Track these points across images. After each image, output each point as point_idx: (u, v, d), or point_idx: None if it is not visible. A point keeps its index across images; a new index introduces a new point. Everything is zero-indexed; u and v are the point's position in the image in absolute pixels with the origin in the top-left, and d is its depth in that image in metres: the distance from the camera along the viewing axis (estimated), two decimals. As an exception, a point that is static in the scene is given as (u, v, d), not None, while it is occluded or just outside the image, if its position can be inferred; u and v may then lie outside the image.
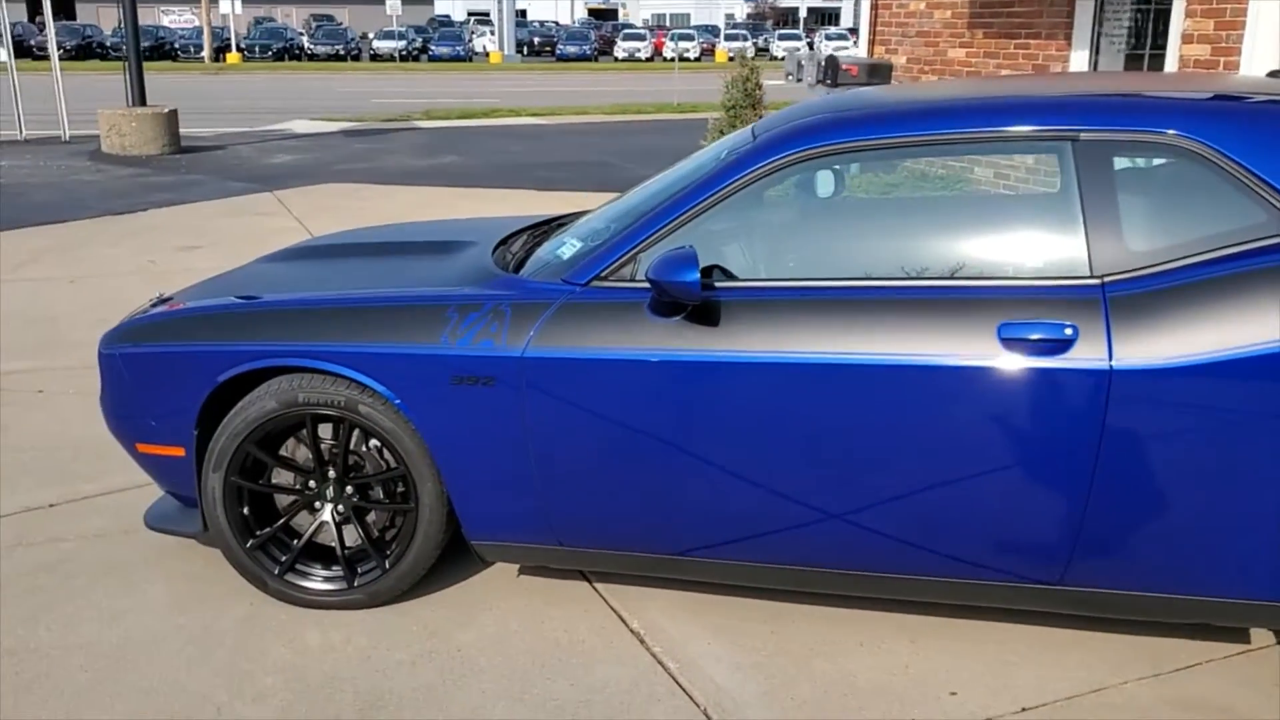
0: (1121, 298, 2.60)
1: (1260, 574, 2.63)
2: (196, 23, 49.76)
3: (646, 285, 2.92)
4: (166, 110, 14.50)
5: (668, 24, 77.78)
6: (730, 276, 2.95)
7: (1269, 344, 2.47)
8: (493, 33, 53.51)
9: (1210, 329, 2.52)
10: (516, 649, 3.11)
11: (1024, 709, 2.80)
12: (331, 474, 3.27)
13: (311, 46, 47.74)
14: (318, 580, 3.32)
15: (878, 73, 8.73)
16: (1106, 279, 2.64)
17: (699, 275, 2.69)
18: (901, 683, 2.92)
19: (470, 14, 69.63)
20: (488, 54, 50.89)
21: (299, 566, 3.33)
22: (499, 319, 3.00)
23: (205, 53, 45.83)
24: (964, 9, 8.93)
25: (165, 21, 58.90)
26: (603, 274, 2.99)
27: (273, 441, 3.29)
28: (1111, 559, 2.71)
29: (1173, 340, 2.54)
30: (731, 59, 49.36)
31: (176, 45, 47.62)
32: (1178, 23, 7.14)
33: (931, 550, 2.84)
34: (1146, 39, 7.73)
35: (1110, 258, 2.65)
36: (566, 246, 3.23)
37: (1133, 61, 7.91)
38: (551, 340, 2.94)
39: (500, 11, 49.59)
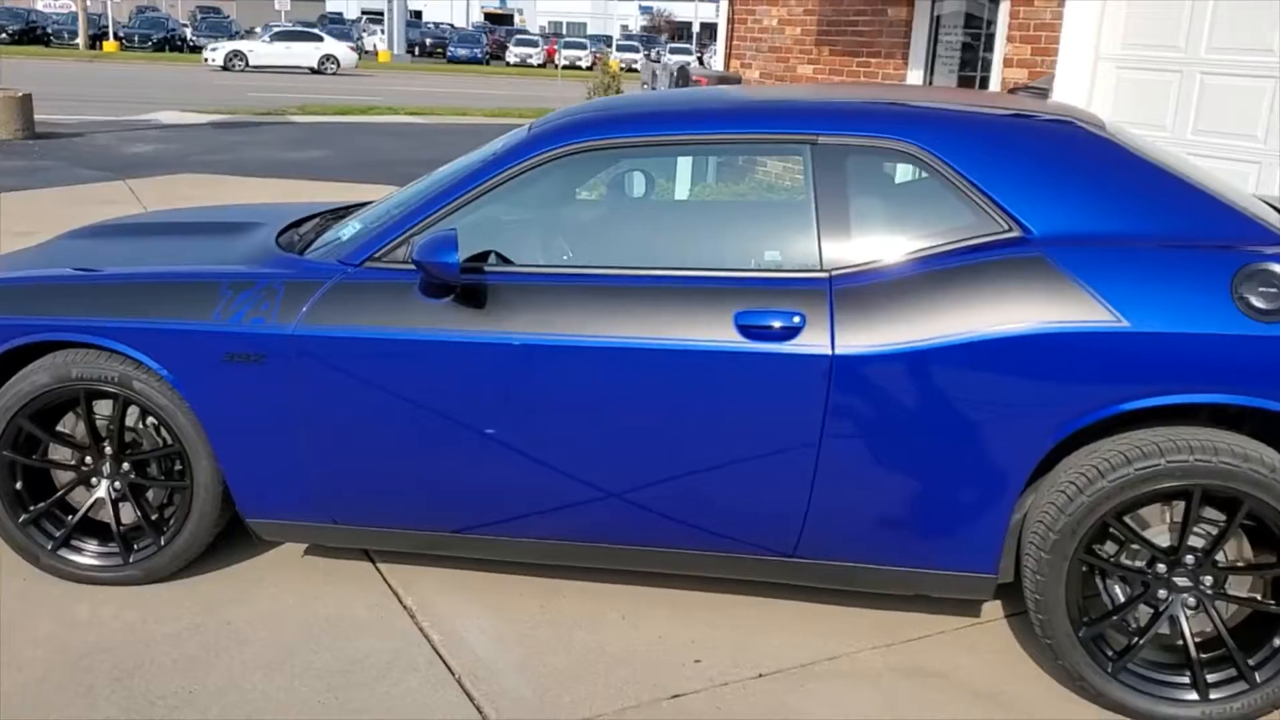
0: (845, 290, 2.80)
1: (968, 547, 2.85)
2: (73, 7, 48.03)
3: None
4: (20, 94, 14.04)
5: (564, 32, 77.88)
6: (507, 262, 3.06)
7: (972, 333, 2.69)
8: (384, 31, 52.91)
9: (922, 319, 2.73)
10: (285, 623, 3.17)
11: (760, 674, 2.97)
12: (108, 450, 3.29)
13: (194, 38, 46.51)
14: (91, 556, 3.33)
15: (726, 84, 8.98)
16: (834, 273, 2.83)
17: (458, 257, 2.80)
18: (653, 652, 3.07)
19: (364, 12, 68.68)
20: (377, 53, 50.27)
21: (74, 542, 3.34)
22: (271, 297, 3.07)
23: (80, 39, 44.29)
24: (812, 27, 9.24)
25: (39, 5, 56.69)
26: (376, 255, 3.08)
27: (49, 417, 3.29)
28: (838, 532, 2.90)
29: (889, 329, 2.74)
30: (624, 69, 49.59)
31: (50, 30, 45.91)
32: (1000, 47, 7.53)
33: (682, 524, 3.00)
34: (976, 61, 8.13)
35: (839, 253, 2.85)
36: (349, 229, 3.31)
37: (964, 82, 8.30)
38: (322, 318, 3.02)
39: (392, 10, 49.09)
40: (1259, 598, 2.74)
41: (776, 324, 2.79)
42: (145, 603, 3.25)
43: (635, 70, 51.36)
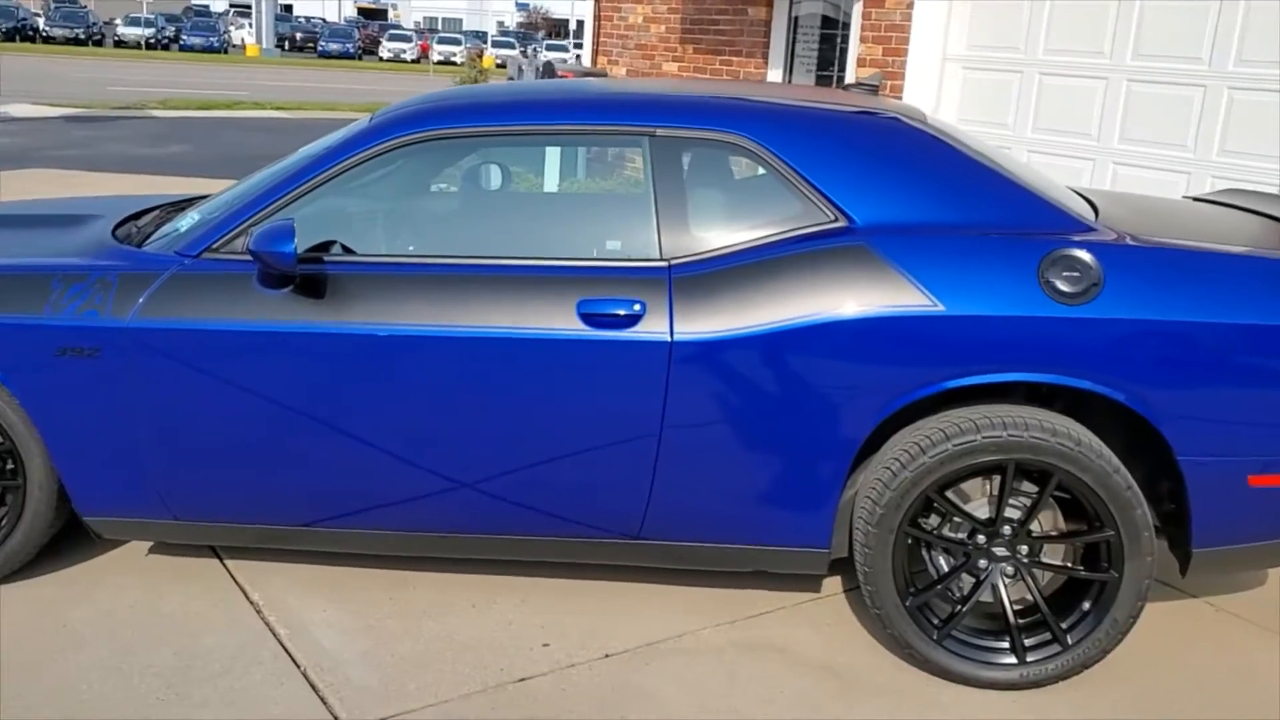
0: (684, 278, 2.88)
1: (802, 524, 2.96)
2: (-87, -5, 45.47)
3: (254, 259, 3.00)
4: None
5: (440, 27, 77.03)
6: (350, 253, 3.06)
7: (800, 319, 2.80)
8: (252, 25, 51.51)
9: (754, 306, 2.83)
10: (126, 623, 3.11)
11: (607, 655, 3.04)
12: (-67, 450, 3.18)
13: (48, 28, 44.54)
14: (-81, 561, 3.21)
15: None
16: (673, 261, 2.91)
17: (294, 247, 2.79)
18: (502, 638, 3.11)
19: (232, 5, 66.73)
20: (244, 47, 48.92)
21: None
22: (105, 289, 3.00)
23: (-80, 28, 41.99)
24: (676, 25, 9.37)
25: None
26: (214, 246, 3.04)
27: None
28: (679, 514, 2.98)
29: (724, 316, 2.83)
30: (499, 65, 49.20)
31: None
32: (854, 48, 7.76)
33: (531, 511, 3.04)
34: (833, 61, 8.36)
35: (677, 243, 2.93)
36: (187, 221, 3.26)
37: (822, 80, 8.53)
38: (158, 311, 2.97)
39: (259, 4, 47.81)
40: (1070, 565, 2.92)
41: (618, 312, 2.85)
42: (-24, 607, 3.15)
43: (501, 66, 51.22)
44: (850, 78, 7.82)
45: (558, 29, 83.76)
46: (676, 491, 2.95)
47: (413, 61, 49.45)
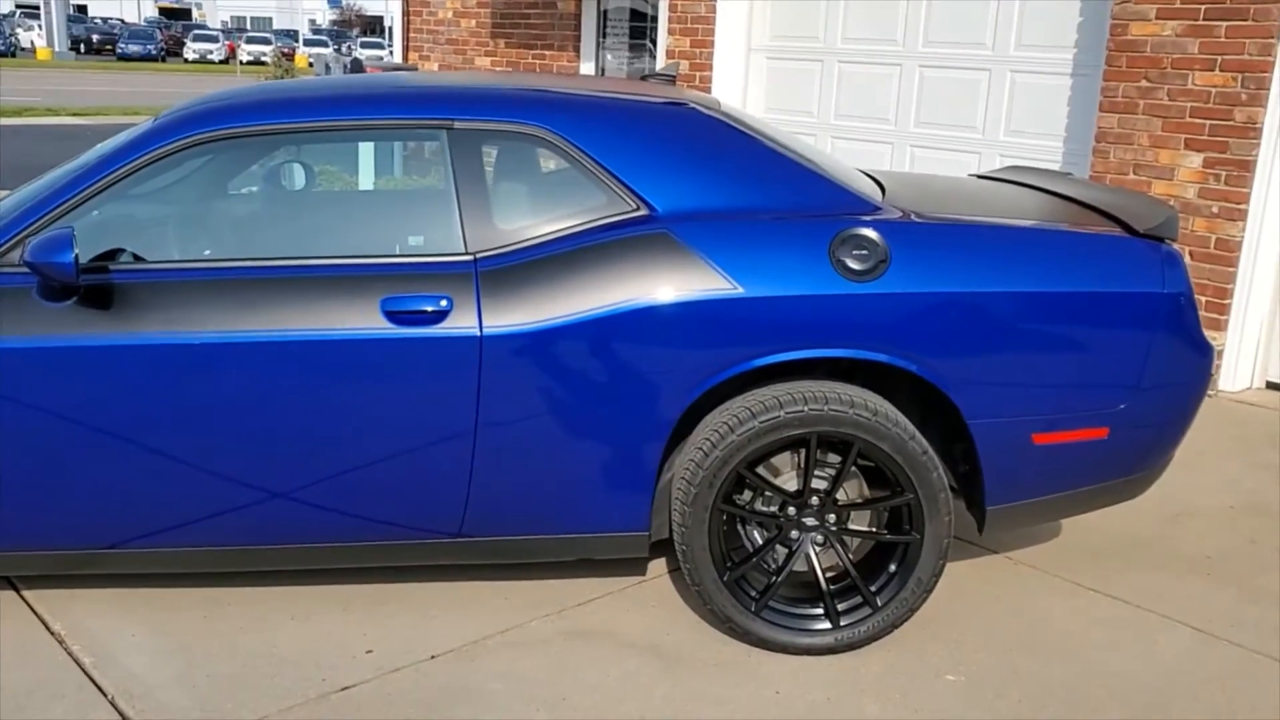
0: (490, 271, 2.87)
1: (621, 508, 3.00)
2: None
3: (34, 271, 2.85)
4: None
5: (248, 27, 74.33)
6: (139, 260, 2.93)
7: (608, 307, 2.83)
8: (41, 27, 48.56)
9: (562, 297, 2.85)
10: (-89, 665, 2.91)
11: (433, 656, 3.01)
12: None
13: None
14: None
15: (405, 77, 8.92)
16: (479, 255, 2.90)
17: (74, 257, 2.66)
18: (323, 648, 3.04)
19: (18, 6, 62.76)
20: (35, 50, 46.09)
21: None
22: None
23: None
24: (486, 20, 9.32)
25: None
26: (-13, 260, 2.87)
27: None
28: (499, 508, 2.98)
29: (532, 308, 2.84)
30: (311, 64, 47.67)
31: None
32: (663, 40, 7.88)
33: (349, 517, 2.98)
34: (645, 53, 8.46)
35: (482, 236, 2.92)
36: (-44, 235, 3.06)
37: (634, 73, 8.62)
38: (-73, 332, 2.78)
39: (49, 4, 45.12)
40: (875, 529, 3.05)
41: (424, 308, 2.83)
42: None
43: (312, 65, 49.60)
44: (661, 66, 7.93)
45: (372, 26, 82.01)
46: (495, 486, 2.95)
47: (220, 62, 47.56)
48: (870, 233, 2.90)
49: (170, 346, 2.80)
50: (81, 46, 49.13)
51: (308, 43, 53.32)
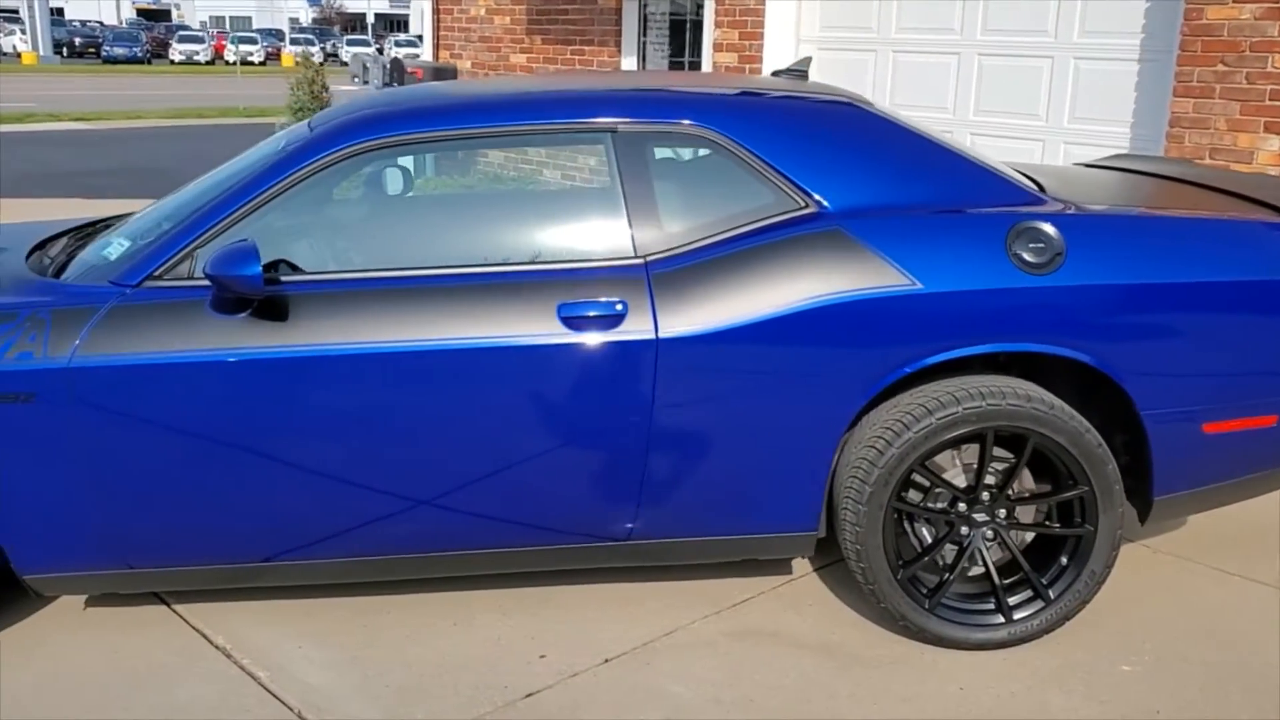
0: (662, 274, 2.86)
1: (794, 509, 2.99)
2: None
3: (206, 283, 2.82)
4: None
5: (228, 27, 73.82)
6: (299, 271, 2.91)
7: (783, 307, 2.83)
8: (23, 31, 48.13)
9: (736, 297, 2.83)
10: (84, 684, 2.88)
11: (606, 659, 3.00)
12: None
13: None
14: None
15: (442, 77, 8.86)
16: (649, 258, 2.89)
17: (260, 268, 2.64)
18: (494, 654, 3.03)
19: (-4, 10, 62.19)
20: (19, 54, 45.70)
21: None
22: (38, 328, 2.77)
23: None
24: (522, 16, 9.27)
25: None
26: (155, 273, 2.84)
27: None
28: (671, 511, 2.97)
29: (707, 310, 2.83)
30: (298, 62, 47.65)
31: None
32: (709, 33, 7.86)
33: (517, 522, 2.97)
34: (685, 47, 8.44)
35: (650, 239, 2.91)
36: (114, 247, 3.03)
37: (675, 67, 8.60)
38: (101, 347, 2.75)
39: (32, 8, 44.73)
40: (1048, 523, 3.05)
41: (600, 313, 2.81)
42: (-93, 687, 2.86)
43: (299, 64, 49.33)
44: (708, 63, 7.91)
45: (353, 24, 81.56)
46: (667, 489, 2.94)
47: (207, 63, 47.24)
48: (1046, 226, 2.89)
49: (346, 357, 2.78)
50: (64, 50, 48.72)
51: (294, 41, 52.96)
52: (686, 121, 2.97)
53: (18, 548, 2.89)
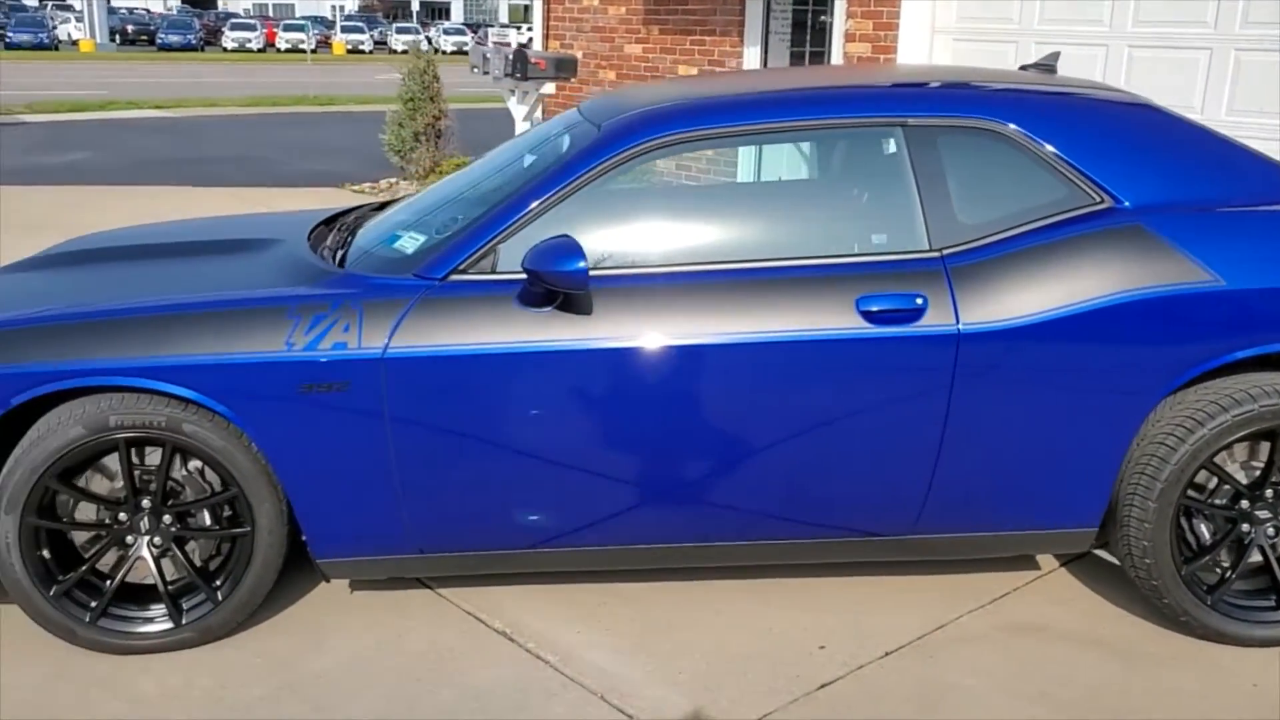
0: (960, 268, 2.87)
1: (1080, 505, 3.00)
2: None
3: (509, 277, 2.87)
4: None
5: (271, 14, 74.26)
6: (607, 264, 2.93)
7: (1084, 301, 2.83)
8: (79, 19, 48.67)
9: (1035, 292, 2.84)
10: (382, 667, 2.94)
11: (886, 653, 3.03)
12: (146, 504, 2.93)
13: None
14: (138, 623, 2.97)
15: (564, 66, 8.89)
16: (945, 252, 2.90)
17: (586, 264, 2.68)
18: (772, 644, 3.06)
19: (48, -1, 62.90)
20: (75, 42, 46.24)
21: (112, 610, 2.97)
22: (350, 318, 2.82)
23: None
24: (638, 6, 9.27)
25: None
26: (460, 267, 2.89)
27: (69, 474, 2.90)
28: (956, 506, 2.99)
29: (1006, 304, 2.84)
30: (349, 51, 47.45)
31: None
32: (840, 22, 7.83)
33: (797, 515, 3.00)
34: (813, 37, 8.41)
35: (945, 232, 2.92)
36: (406, 239, 3.08)
37: (799, 59, 8.58)
38: (412, 338, 2.81)
39: (89, -4, 45.24)
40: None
41: (900, 307, 2.83)
42: (211, 667, 2.93)
43: (361, 51, 49.66)
44: (838, 53, 7.89)
45: (397, 11, 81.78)
46: (955, 484, 2.96)
47: (258, 50, 47.59)
48: (1350, 224, 2.88)
49: (650, 351, 2.81)
50: (118, 37, 49.25)
51: (344, 29, 53.20)
52: (979, 116, 2.98)
53: (319, 533, 2.95)
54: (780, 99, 3.04)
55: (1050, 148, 2.96)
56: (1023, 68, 3.69)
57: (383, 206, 3.81)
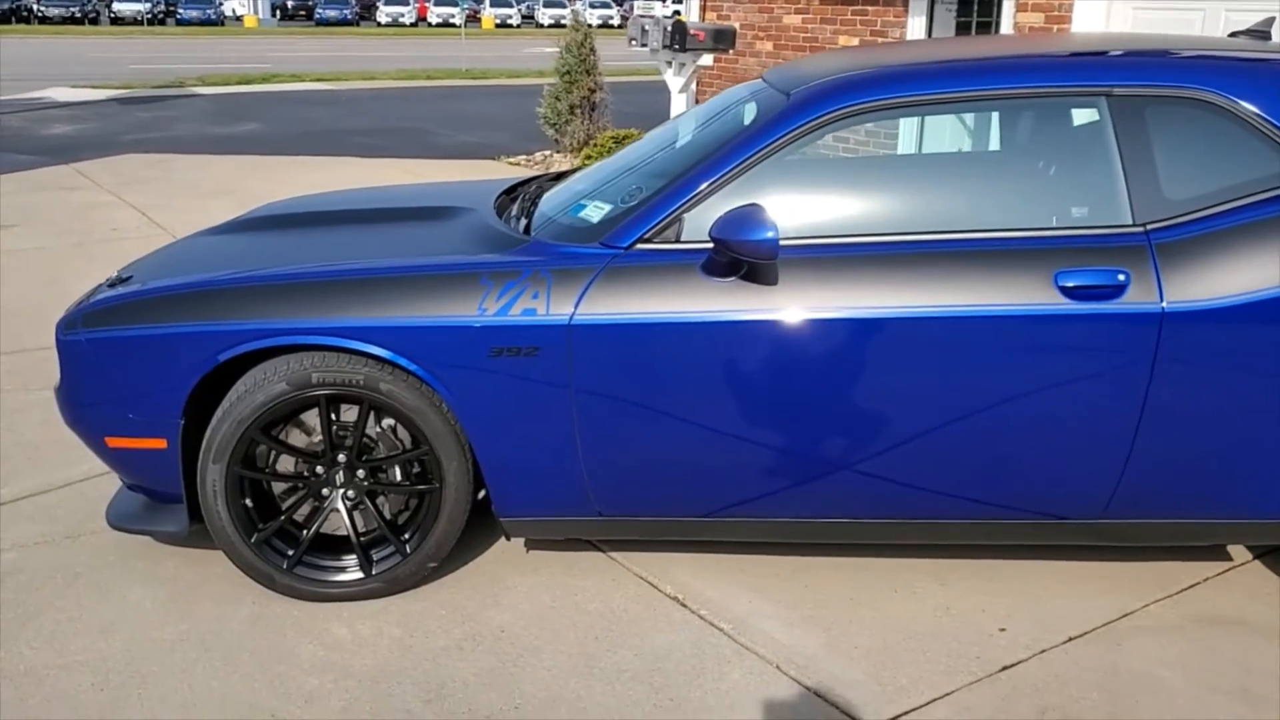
0: (1166, 244, 2.76)
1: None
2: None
3: (694, 246, 2.88)
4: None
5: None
6: (793, 234, 2.91)
7: (1300, 282, 2.69)
8: (243, -5, 50.69)
9: (1248, 270, 2.71)
10: (560, 624, 3.01)
11: (1070, 638, 2.95)
12: (341, 458, 3.06)
13: (42, 8, 43.76)
14: (331, 571, 3.11)
15: (723, 38, 8.83)
16: (1149, 227, 2.79)
17: (776, 233, 2.67)
18: (950, 624, 3.01)
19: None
20: (239, 18, 48.20)
21: (308, 559, 3.11)
22: (540, 286, 2.88)
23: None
24: (799, -24, 9.15)
25: None
26: (646, 236, 2.91)
27: (270, 427, 3.04)
28: (1153, 491, 2.88)
29: (1216, 281, 2.72)
30: (498, 25, 48.03)
31: None
32: (1013, -9, 7.56)
33: (983, 496, 2.94)
34: (980, 7, 8.16)
35: (1149, 207, 2.81)
36: (591, 209, 3.12)
37: (965, 29, 8.34)
38: (599, 306, 2.84)
39: (253, -27, 47.04)
40: None
41: (1101, 283, 2.74)
42: (399, 618, 3.04)
43: (509, 25, 50.27)
44: (1008, 20, 7.64)
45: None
46: (1152, 467, 2.85)
47: (410, 25, 48.73)
48: None
49: (837, 322, 2.79)
50: (278, 12, 51.10)
51: (493, 3, 53.99)
52: (1189, 85, 2.85)
53: (505, 492, 3.03)
54: (977, 67, 2.96)
55: (1268, 118, 2.81)
56: (1233, 34, 3.51)
57: (560, 176, 3.87)
